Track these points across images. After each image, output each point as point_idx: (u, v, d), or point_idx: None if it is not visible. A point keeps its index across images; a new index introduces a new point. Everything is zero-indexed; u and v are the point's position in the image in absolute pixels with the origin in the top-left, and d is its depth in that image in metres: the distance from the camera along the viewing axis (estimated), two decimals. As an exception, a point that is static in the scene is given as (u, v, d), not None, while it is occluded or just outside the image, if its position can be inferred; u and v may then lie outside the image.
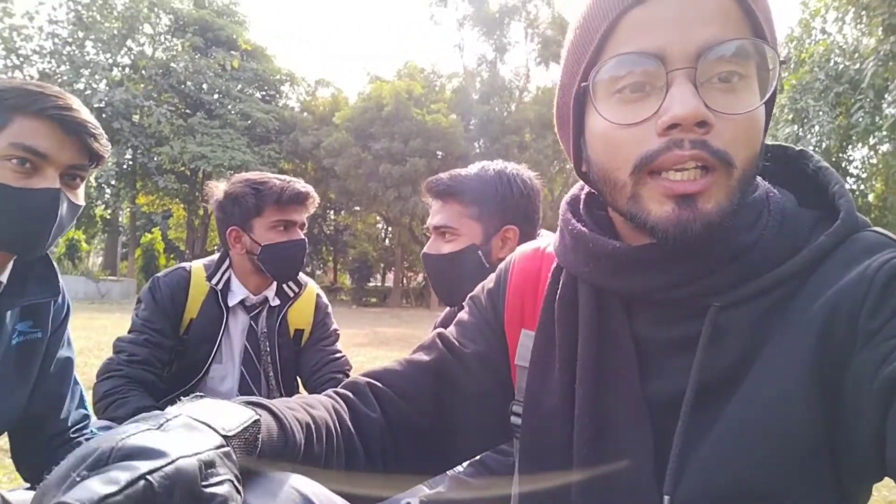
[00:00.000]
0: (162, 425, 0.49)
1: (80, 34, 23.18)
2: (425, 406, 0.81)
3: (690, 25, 0.59)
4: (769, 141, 0.70)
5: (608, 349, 0.70)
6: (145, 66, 23.87)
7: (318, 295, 2.08)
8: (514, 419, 0.82)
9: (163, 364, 1.81)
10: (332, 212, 30.46)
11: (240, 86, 25.58)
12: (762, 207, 0.67)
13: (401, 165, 22.59)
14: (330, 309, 2.12)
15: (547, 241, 0.88)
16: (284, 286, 1.97)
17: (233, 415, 0.54)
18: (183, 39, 24.90)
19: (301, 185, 1.87)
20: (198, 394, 0.57)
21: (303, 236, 1.88)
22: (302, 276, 2.03)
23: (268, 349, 1.93)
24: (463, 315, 0.90)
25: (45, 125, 1.04)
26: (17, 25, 21.92)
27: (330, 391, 0.82)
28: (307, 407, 0.71)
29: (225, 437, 0.51)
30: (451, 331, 0.88)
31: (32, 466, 1.30)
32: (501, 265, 0.91)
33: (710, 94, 0.59)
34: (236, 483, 0.49)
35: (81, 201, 1.14)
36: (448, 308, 1.91)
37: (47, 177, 1.05)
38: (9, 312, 1.15)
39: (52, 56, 23.09)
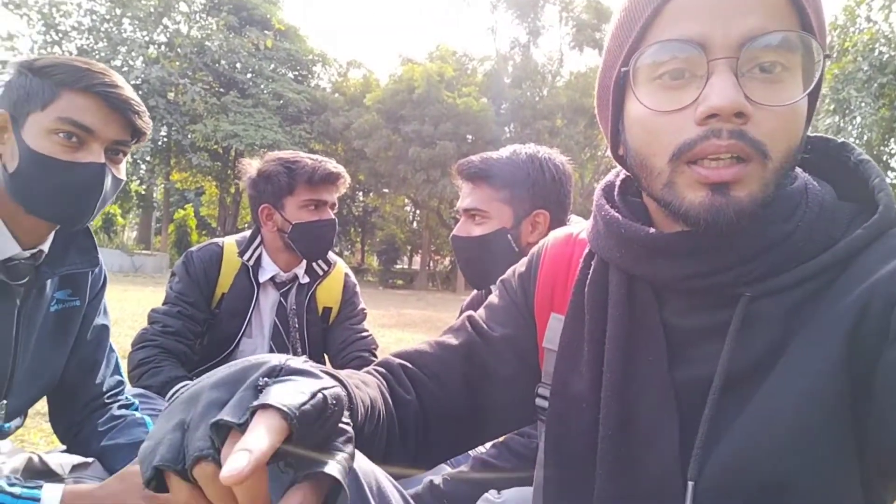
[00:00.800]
0: (304, 361, 0.54)
1: (118, 11, 23.50)
2: (455, 388, 0.83)
3: (734, 14, 0.58)
4: (810, 132, 0.69)
5: (637, 334, 0.70)
6: (181, 44, 24.14)
7: (346, 274, 2.10)
8: (539, 402, 0.83)
9: (195, 336, 1.85)
10: (360, 193, 30.60)
11: (272, 65, 25.74)
12: (800, 199, 0.66)
13: (430, 148, 22.56)
14: (358, 288, 2.15)
15: (579, 227, 0.89)
16: (314, 264, 2.00)
17: (328, 378, 0.57)
18: (218, 18, 25.09)
19: (332, 165, 1.88)
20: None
21: (333, 216, 1.90)
22: (331, 255, 2.05)
23: (296, 325, 1.97)
24: (493, 298, 0.91)
25: (92, 101, 1.07)
26: (56, 1, 22.32)
27: (369, 369, 0.84)
28: (364, 385, 0.74)
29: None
30: (480, 314, 0.90)
31: (68, 429, 1.34)
32: (534, 249, 0.91)
33: (751, 84, 0.58)
34: None
35: (123, 176, 1.17)
36: (475, 291, 1.92)
37: (92, 151, 1.08)
38: (49, 281, 1.19)
39: (90, 32, 23.49)
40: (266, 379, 0.50)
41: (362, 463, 0.62)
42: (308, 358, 0.57)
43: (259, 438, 0.43)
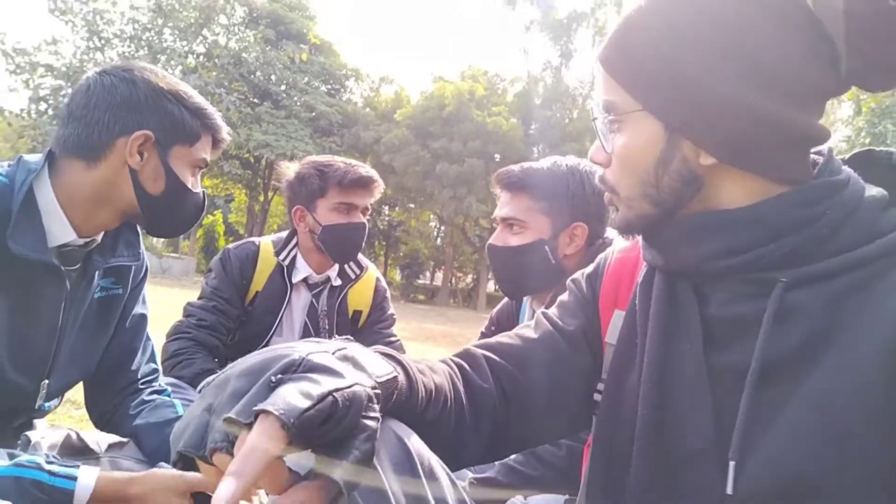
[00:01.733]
0: (334, 353, 0.56)
1: (160, 21, 24.14)
2: (539, 376, 0.85)
3: (597, 88, 0.77)
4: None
5: (675, 323, 0.74)
6: (219, 54, 24.68)
7: (377, 279, 2.13)
8: (596, 396, 0.85)
9: (228, 331, 1.88)
10: (386, 207, 30.81)
11: (306, 78, 26.16)
12: (831, 191, 0.67)
13: (458, 165, 22.68)
14: (388, 294, 2.17)
15: None
16: (346, 268, 2.02)
17: (381, 365, 0.61)
18: (255, 31, 25.62)
19: (365, 169, 1.90)
20: (348, 336, 0.63)
21: (363, 220, 1.92)
22: (363, 260, 2.08)
23: (326, 327, 1.99)
24: (563, 297, 0.95)
25: (208, 139, 1.24)
26: (100, 9, 23.00)
27: (446, 358, 0.86)
28: (430, 371, 0.76)
29: (376, 381, 0.57)
30: (552, 311, 0.93)
31: (103, 413, 1.37)
32: (602, 254, 0.95)
33: (611, 137, 0.75)
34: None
35: None
36: (504, 301, 1.92)
37: (198, 179, 1.26)
38: (97, 270, 1.23)
39: (132, 41, 24.12)
40: (280, 376, 0.50)
41: (416, 443, 0.63)
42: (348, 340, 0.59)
43: (250, 457, 0.44)
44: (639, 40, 0.70)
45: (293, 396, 0.47)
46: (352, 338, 0.62)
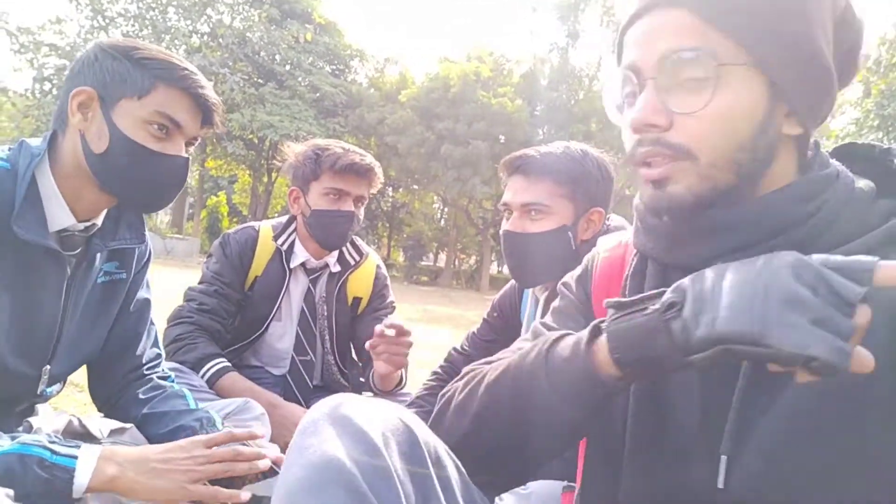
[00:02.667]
0: None
1: (163, 0, 23.94)
2: None
3: (652, 41, 0.67)
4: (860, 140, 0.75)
5: None
6: (223, 34, 24.48)
7: (377, 266, 2.12)
8: None
9: (229, 315, 1.89)
10: (390, 189, 30.73)
11: (311, 59, 25.95)
12: (826, 185, 0.68)
13: (462, 147, 22.55)
14: (388, 281, 2.17)
15: (628, 234, 0.92)
16: (346, 254, 2.02)
17: None
18: (260, 10, 25.38)
19: (359, 156, 1.86)
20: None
21: (352, 209, 1.86)
22: (363, 246, 2.07)
23: (325, 314, 1.99)
24: (556, 303, 0.95)
25: (185, 98, 1.14)
26: (104, -13, 22.84)
27: (441, 374, 0.88)
28: None
29: None
30: (546, 319, 0.94)
31: (107, 398, 1.38)
32: (588, 255, 0.95)
33: (676, 96, 0.66)
34: None
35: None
36: (507, 286, 1.91)
37: (177, 144, 1.15)
38: (98, 254, 1.23)
39: (136, 20, 23.93)
40: None
41: (422, 432, 0.65)
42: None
43: None
44: None
45: None
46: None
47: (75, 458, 0.97)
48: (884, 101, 13.52)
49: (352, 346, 2.11)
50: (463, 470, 0.70)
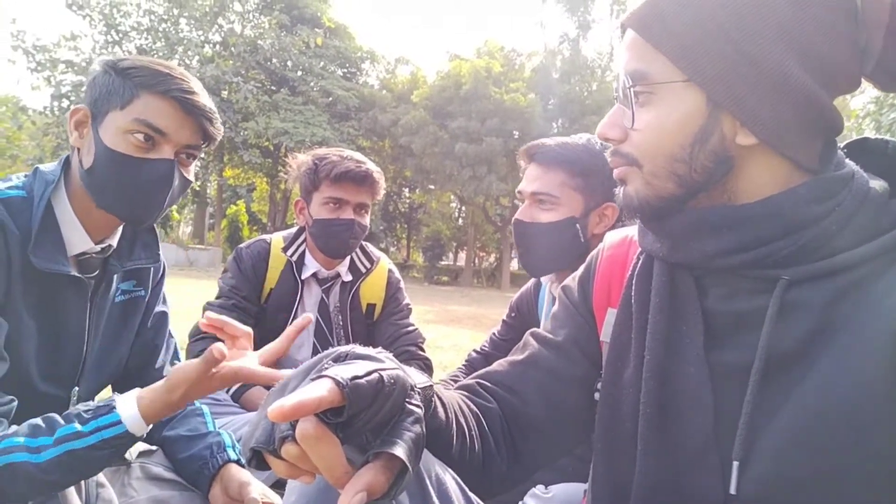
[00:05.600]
0: (376, 353, 0.61)
1: (175, 11, 24.23)
2: (531, 397, 0.86)
3: (619, 58, 0.73)
4: (873, 128, 0.72)
5: (677, 318, 0.73)
6: (234, 43, 24.74)
7: (389, 270, 2.12)
8: (597, 395, 0.86)
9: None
10: (406, 189, 30.82)
11: (322, 63, 26.13)
12: (840, 186, 0.67)
13: (477, 144, 22.53)
14: (402, 284, 2.16)
15: (634, 230, 0.90)
16: (357, 262, 2.02)
17: (418, 375, 0.66)
18: (270, 17, 25.61)
19: (356, 163, 1.84)
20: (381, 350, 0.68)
21: (352, 217, 1.85)
22: (374, 252, 2.08)
23: (340, 323, 2.00)
24: (555, 308, 0.95)
25: (169, 105, 1.10)
26: (116, 2, 23.14)
27: (458, 376, 0.89)
28: (450, 396, 0.80)
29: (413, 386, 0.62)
30: (544, 326, 0.94)
31: (132, 416, 1.40)
32: (592, 252, 0.95)
33: (627, 112, 0.71)
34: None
35: (192, 178, 1.21)
36: (527, 285, 1.91)
37: (164, 152, 1.12)
38: (115, 274, 1.25)
39: (149, 32, 24.27)
40: (330, 362, 0.57)
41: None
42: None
43: (307, 395, 0.50)
44: (684, 5, 0.66)
45: (343, 370, 0.54)
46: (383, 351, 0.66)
47: (118, 421, 0.96)
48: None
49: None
50: (463, 485, 0.70)
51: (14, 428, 0.96)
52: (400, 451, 0.53)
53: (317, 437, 0.52)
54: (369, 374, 0.54)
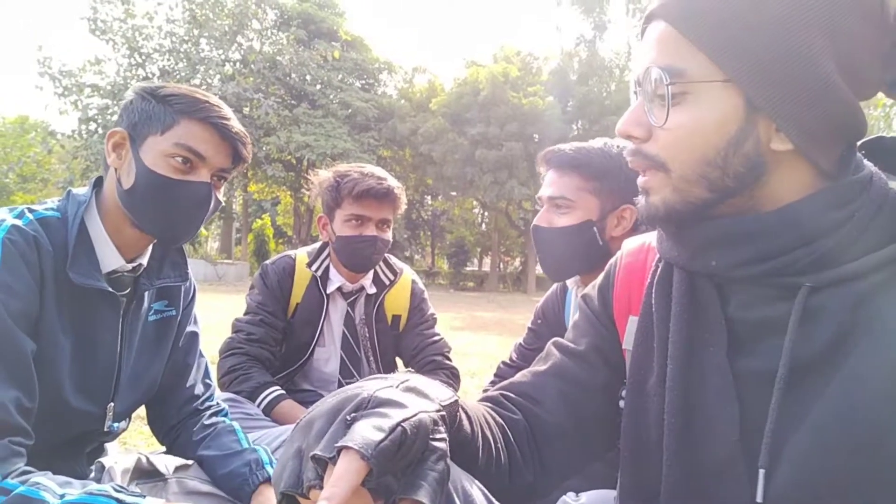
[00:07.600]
0: (397, 386, 0.61)
1: (195, 32, 24.61)
2: (554, 407, 0.87)
3: (644, 52, 0.69)
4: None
5: (699, 326, 0.73)
6: (254, 60, 25.04)
7: (413, 281, 2.14)
8: (621, 403, 0.86)
9: (276, 342, 1.95)
10: (429, 197, 30.87)
11: (340, 75, 26.33)
12: (859, 191, 0.66)
13: (497, 150, 22.52)
14: (426, 294, 2.18)
15: (652, 237, 0.90)
16: (381, 275, 2.05)
17: (442, 391, 0.65)
18: (287, 33, 25.89)
19: (377, 180, 1.86)
20: (409, 370, 0.69)
21: (375, 234, 1.87)
22: (397, 263, 2.10)
23: (367, 335, 2.03)
24: (576, 317, 0.96)
25: (207, 131, 1.17)
26: (138, 26, 23.60)
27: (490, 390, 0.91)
28: (474, 409, 0.80)
29: (440, 405, 0.61)
30: (566, 335, 0.94)
31: (167, 433, 1.43)
32: (611, 261, 0.95)
33: (655, 109, 0.68)
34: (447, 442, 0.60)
35: (222, 199, 1.27)
36: (551, 289, 1.91)
37: (201, 175, 1.19)
38: (146, 293, 1.29)
39: (171, 54, 24.67)
40: (354, 414, 0.56)
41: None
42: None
43: (338, 482, 0.50)
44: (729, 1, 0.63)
45: (368, 431, 0.53)
46: (413, 370, 0.66)
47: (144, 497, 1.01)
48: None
49: (399, 363, 2.14)
50: (489, 495, 0.71)
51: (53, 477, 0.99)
52: (423, 495, 0.54)
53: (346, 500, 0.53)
54: (393, 430, 0.53)
